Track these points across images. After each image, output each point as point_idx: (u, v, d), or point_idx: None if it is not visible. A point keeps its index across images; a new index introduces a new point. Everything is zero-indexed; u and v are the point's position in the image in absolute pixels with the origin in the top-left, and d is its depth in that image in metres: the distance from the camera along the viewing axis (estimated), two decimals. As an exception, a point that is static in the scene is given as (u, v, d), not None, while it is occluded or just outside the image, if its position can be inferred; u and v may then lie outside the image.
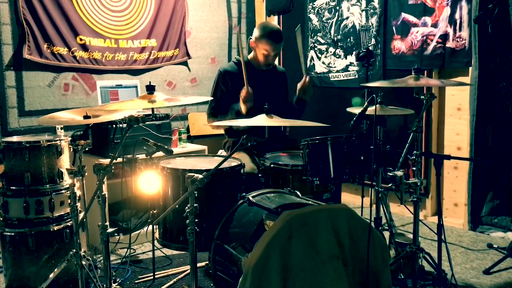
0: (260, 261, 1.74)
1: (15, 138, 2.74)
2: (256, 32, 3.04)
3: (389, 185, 2.38)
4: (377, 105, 2.39)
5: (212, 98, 3.08)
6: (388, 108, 3.02)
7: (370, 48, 4.05)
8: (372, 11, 4.13)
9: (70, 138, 2.77)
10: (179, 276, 2.82)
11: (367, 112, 2.44)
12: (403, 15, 3.88)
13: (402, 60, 3.92)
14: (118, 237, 3.17)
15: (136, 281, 2.79)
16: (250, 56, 3.16)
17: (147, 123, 3.24)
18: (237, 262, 1.99)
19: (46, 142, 2.61)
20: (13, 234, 2.55)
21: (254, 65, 3.14)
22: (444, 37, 3.63)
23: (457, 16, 3.55)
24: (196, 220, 1.94)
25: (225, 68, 3.15)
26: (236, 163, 2.43)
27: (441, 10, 3.63)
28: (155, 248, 2.85)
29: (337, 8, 4.43)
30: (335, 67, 4.51)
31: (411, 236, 2.55)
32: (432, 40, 3.71)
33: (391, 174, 2.32)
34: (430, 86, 3.46)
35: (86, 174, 2.37)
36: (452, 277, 2.42)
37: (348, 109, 3.26)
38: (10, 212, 2.57)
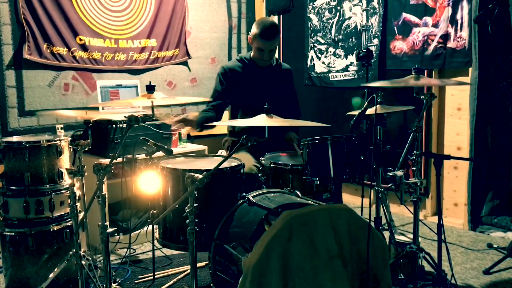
0: (260, 261, 1.74)
1: (15, 138, 2.74)
2: (253, 29, 3.04)
3: (389, 185, 2.38)
4: (377, 105, 2.39)
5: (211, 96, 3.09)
6: (388, 106, 3.01)
7: (371, 48, 4.04)
8: (372, 11, 4.13)
9: (70, 138, 2.77)
10: (179, 276, 2.81)
11: (367, 112, 2.44)
12: (404, 15, 3.87)
13: (402, 60, 3.92)
14: (118, 237, 3.17)
15: (136, 281, 2.79)
16: (253, 54, 3.16)
17: (147, 123, 3.24)
18: (237, 262, 1.99)
19: (46, 142, 2.61)
20: (13, 234, 2.55)
21: (256, 62, 3.14)
22: (445, 37, 3.62)
23: (458, 16, 3.55)
24: (196, 220, 1.94)
25: (228, 65, 3.16)
26: (236, 163, 2.43)
27: (442, 10, 3.63)
28: (155, 248, 2.85)
29: (338, 8, 4.42)
30: (335, 67, 4.50)
31: (411, 236, 2.55)
32: (433, 40, 3.70)
33: (391, 174, 2.32)
34: (430, 86, 3.46)
35: (86, 174, 2.37)
36: (452, 277, 2.42)
37: (349, 114, 3.26)
38: (10, 212, 2.57)
